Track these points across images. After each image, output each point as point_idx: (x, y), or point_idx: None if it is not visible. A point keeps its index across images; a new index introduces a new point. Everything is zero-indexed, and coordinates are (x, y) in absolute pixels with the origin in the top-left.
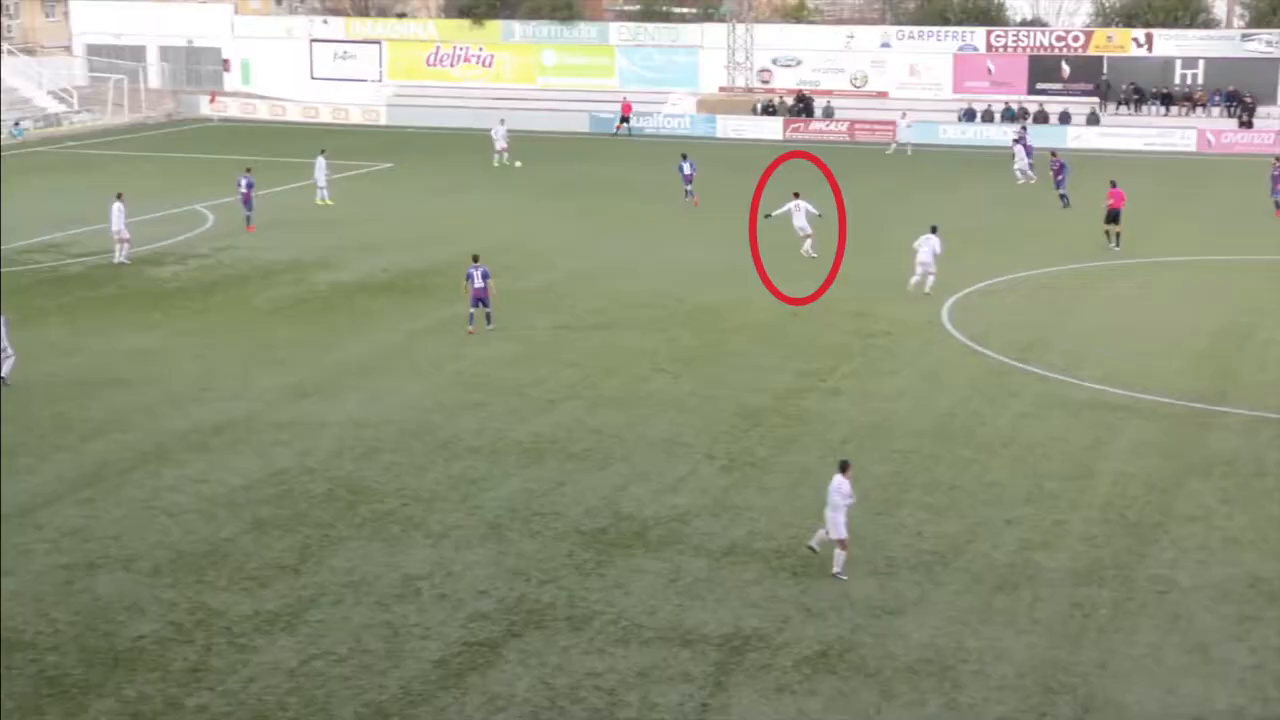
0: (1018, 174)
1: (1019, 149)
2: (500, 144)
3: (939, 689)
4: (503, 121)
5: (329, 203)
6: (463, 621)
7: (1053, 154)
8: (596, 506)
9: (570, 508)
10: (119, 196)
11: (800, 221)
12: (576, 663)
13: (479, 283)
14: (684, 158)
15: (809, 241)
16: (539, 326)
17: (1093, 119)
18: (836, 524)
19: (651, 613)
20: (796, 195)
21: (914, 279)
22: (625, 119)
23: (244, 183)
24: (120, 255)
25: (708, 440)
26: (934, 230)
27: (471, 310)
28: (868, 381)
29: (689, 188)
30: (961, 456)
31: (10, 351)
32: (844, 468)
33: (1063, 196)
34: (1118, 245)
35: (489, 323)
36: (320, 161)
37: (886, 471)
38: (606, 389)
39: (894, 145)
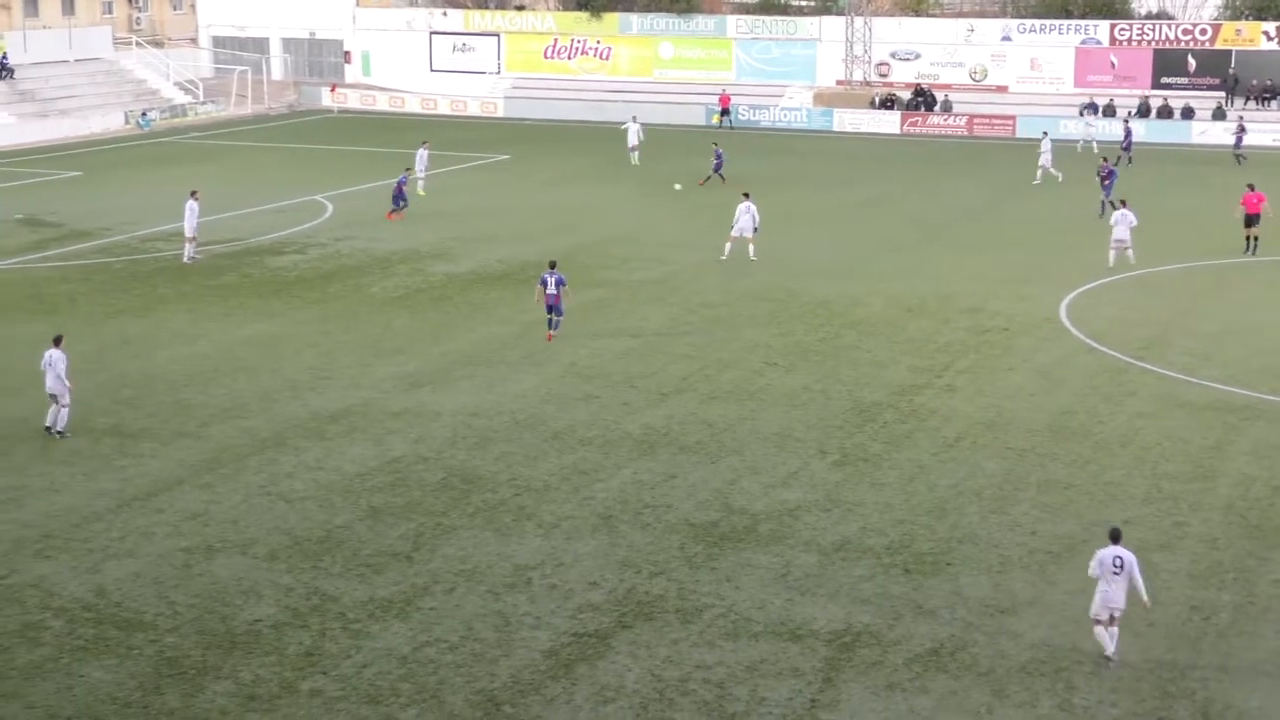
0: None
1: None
2: (634, 140)
3: (1052, 690)
4: (635, 118)
5: (422, 193)
6: (573, 612)
7: (1104, 159)
8: (707, 499)
9: (681, 500)
10: (194, 195)
11: (744, 222)
12: (686, 655)
13: (551, 289)
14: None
15: (729, 246)
16: (652, 319)
17: (1218, 114)
18: (1111, 596)
19: (761, 607)
20: (747, 195)
21: (1112, 256)
22: (725, 111)
23: (410, 175)
24: (187, 255)
25: (820, 435)
26: (1124, 204)
27: (547, 317)
28: (983, 378)
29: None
30: (1078, 455)
31: (67, 399)
32: (1115, 537)
33: (1106, 203)
34: (1254, 253)
35: (551, 327)
36: (422, 152)
37: (1001, 469)
38: (719, 382)
39: (1081, 143)
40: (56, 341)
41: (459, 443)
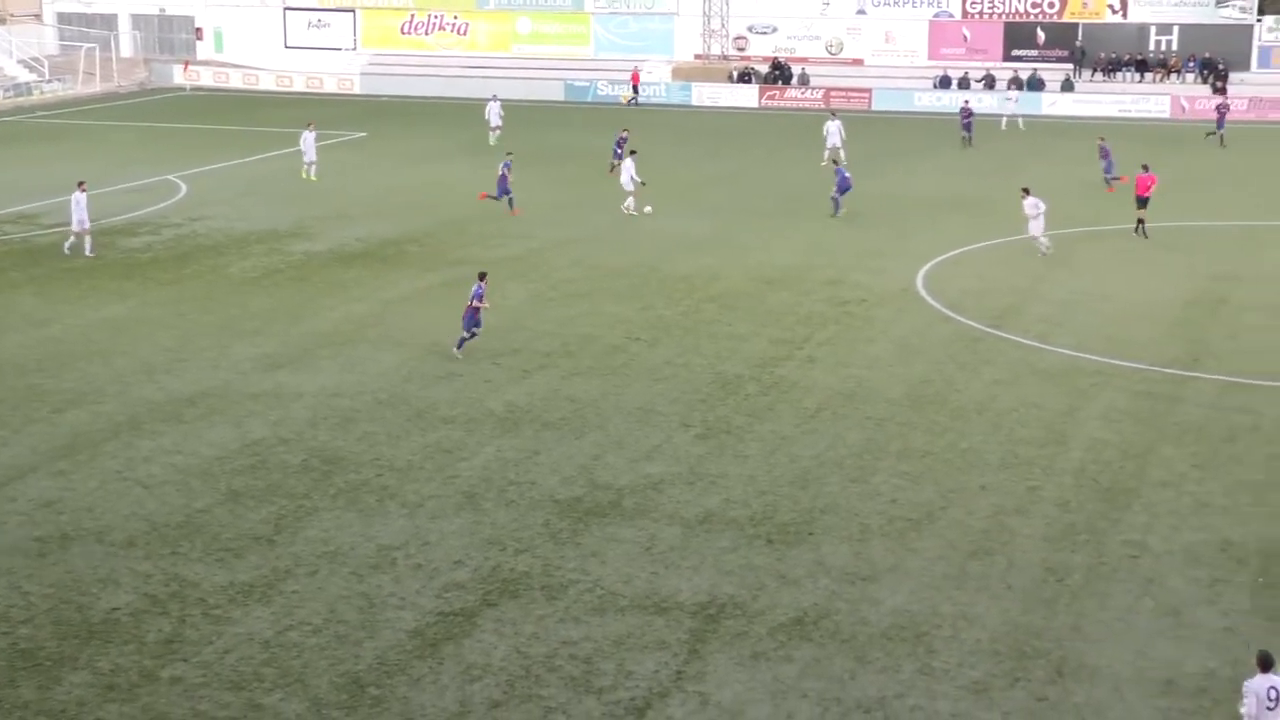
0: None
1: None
2: (495, 121)
3: (913, 654)
4: (496, 97)
5: (314, 179)
6: (438, 591)
7: (1101, 139)
8: (572, 475)
9: (546, 477)
10: (80, 186)
11: (624, 178)
12: (552, 631)
13: (473, 301)
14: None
15: (630, 200)
16: (513, 295)
17: (1067, 86)
18: None
19: (627, 581)
20: (633, 152)
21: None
22: (636, 88)
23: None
24: (85, 249)
25: (682, 409)
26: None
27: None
28: (843, 349)
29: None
30: (936, 423)
31: None
32: (1266, 664)
33: (1111, 178)
34: (1145, 235)
35: (458, 347)
36: (308, 135)
37: (861, 439)
38: (581, 358)
39: (1006, 120)
40: None
41: (320, 424)
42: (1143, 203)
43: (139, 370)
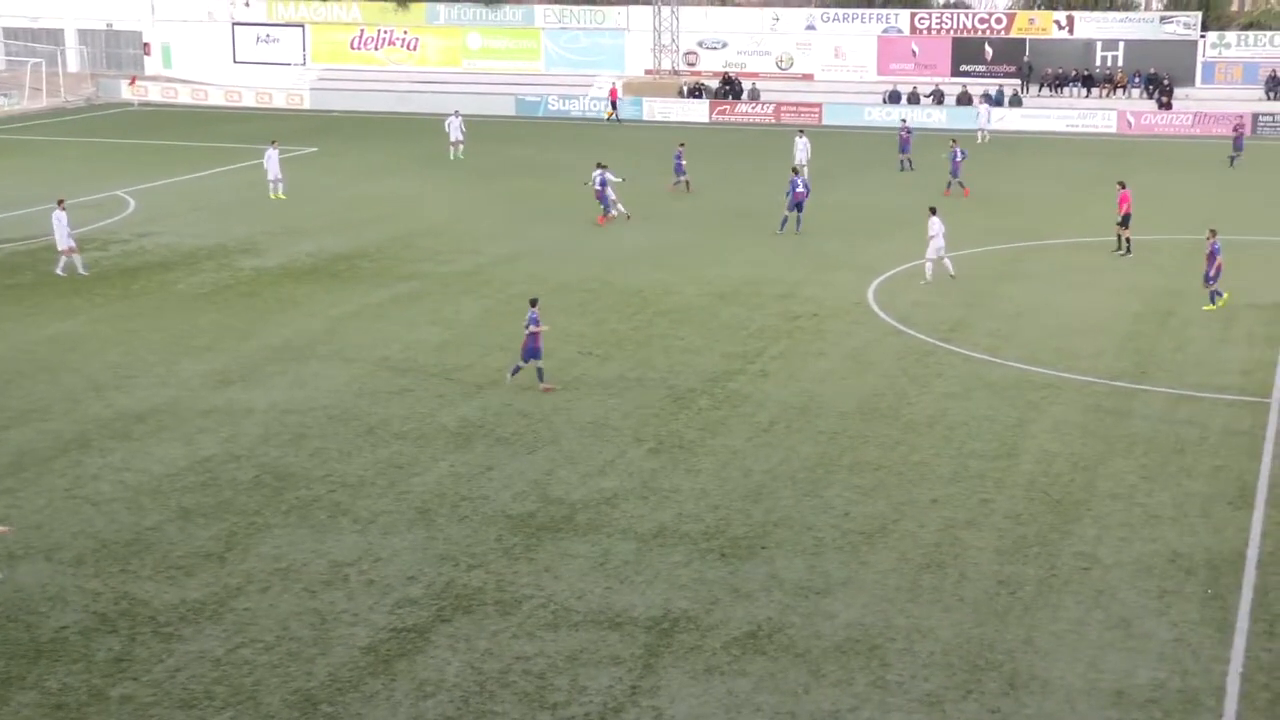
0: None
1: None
2: (455, 136)
3: (867, 667)
4: (458, 113)
5: (282, 197)
6: (391, 607)
7: (953, 140)
8: (524, 490)
9: (498, 492)
10: (60, 203)
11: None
12: (506, 647)
13: (529, 328)
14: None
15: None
16: (465, 310)
17: (1015, 101)
18: None
19: (580, 596)
20: (602, 166)
21: (930, 268)
22: (614, 104)
23: (598, 178)
24: (79, 268)
25: (635, 423)
26: (934, 211)
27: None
28: (795, 363)
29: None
30: (888, 437)
31: None
32: None
33: (956, 182)
34: (1129, 251)
35: (512, 373)
36: (272, 153)
37: (814, 453)
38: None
39: (980, 133)
40: None
41: (271, 440)
42: (1125, 220)
43: (87, 387)
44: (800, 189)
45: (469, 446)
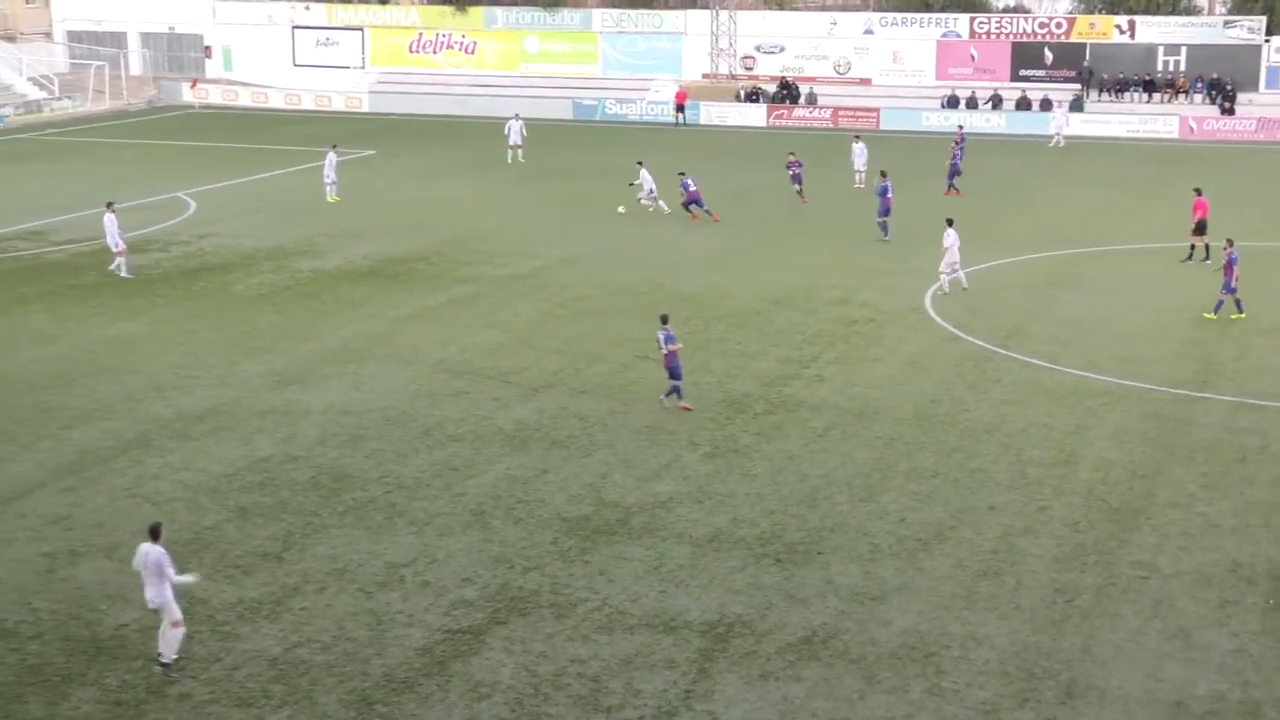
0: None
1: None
2: (515, 139)
3: (922, 675)
4: (518, 116)
5: (336, 199)
6: (446, 609)
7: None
8: (580, 493)
9: (554, 495)
10: (109, 206)
11: (647, 186)
12: (560, 650)
13: (664, 346)
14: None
15: (660, 203)
16: (522, 313)
17: (1076, 105)
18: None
19: (635, 600)
20: (640, 163)
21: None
22: (681, 108)
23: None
24: (124, 270)
25: (690, 427)
26: (950, 223)
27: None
28: (851, 368)
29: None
30: (945, 443)
31: None
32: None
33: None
34: (1207, 258)
35: (679, 397)
36: (331, 157)
37: (870, 458)
38: (590, 376)
39: (1055, 137)
40: None
41: (328, 441)
42: (1200, 227)
43: (148, 387)
44: (890, 195)
45: (525, 449)
